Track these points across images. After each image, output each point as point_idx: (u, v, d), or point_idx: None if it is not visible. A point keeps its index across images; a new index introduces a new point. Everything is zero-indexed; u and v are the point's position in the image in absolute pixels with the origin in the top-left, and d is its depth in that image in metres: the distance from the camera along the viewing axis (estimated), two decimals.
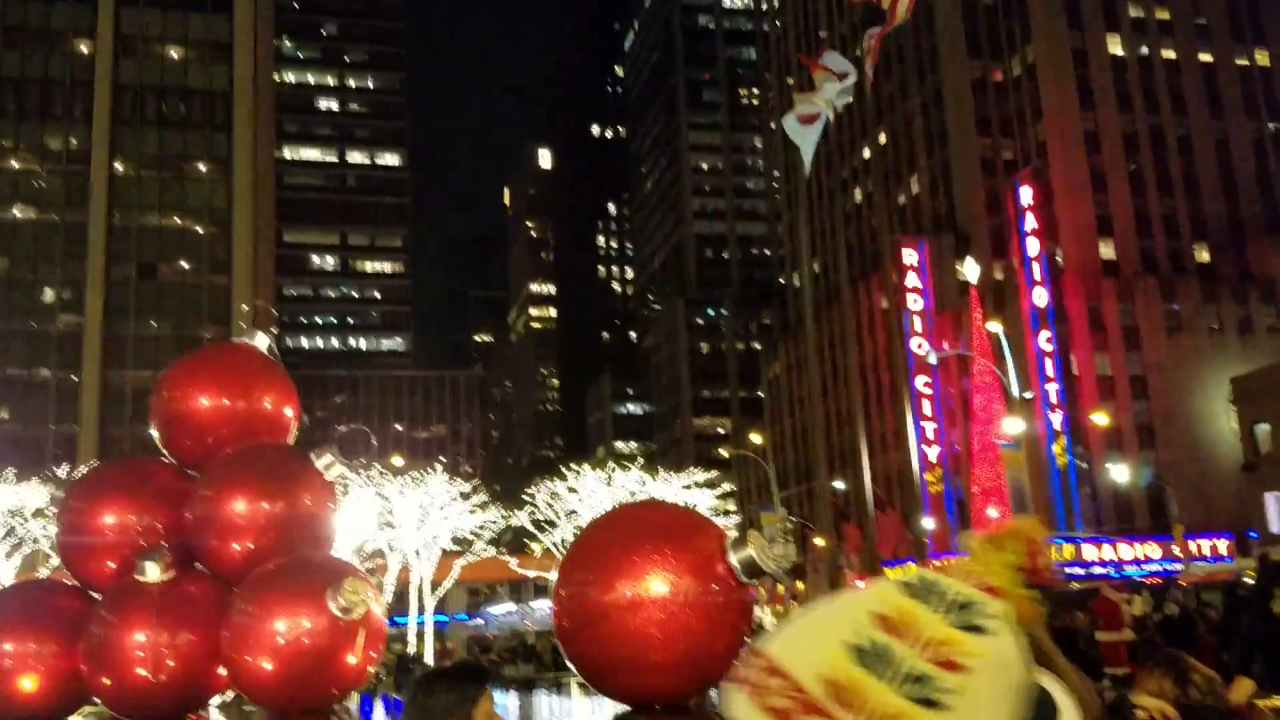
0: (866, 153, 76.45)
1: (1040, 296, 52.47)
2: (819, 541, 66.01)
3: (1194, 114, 62.58)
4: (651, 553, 9.33)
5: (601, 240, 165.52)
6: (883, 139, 74.32)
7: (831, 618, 1.27)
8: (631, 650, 8.61)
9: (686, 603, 9.22)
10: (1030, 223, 53.22)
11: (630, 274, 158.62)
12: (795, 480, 74.61)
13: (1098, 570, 37.75)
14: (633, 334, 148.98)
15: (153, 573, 8.19)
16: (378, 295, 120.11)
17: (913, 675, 1.17)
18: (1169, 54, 63.52)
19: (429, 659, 32.24)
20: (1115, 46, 62.78)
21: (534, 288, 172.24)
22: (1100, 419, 48.61)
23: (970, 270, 53.78)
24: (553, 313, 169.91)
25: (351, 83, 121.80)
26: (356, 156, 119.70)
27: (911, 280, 58.34)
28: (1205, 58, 64.05)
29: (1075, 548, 40.84)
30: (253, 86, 71.66)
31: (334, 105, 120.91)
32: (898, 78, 71.51)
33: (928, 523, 54.77)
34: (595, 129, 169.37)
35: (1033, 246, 53.18)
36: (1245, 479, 49.35)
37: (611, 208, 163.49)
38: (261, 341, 10.07)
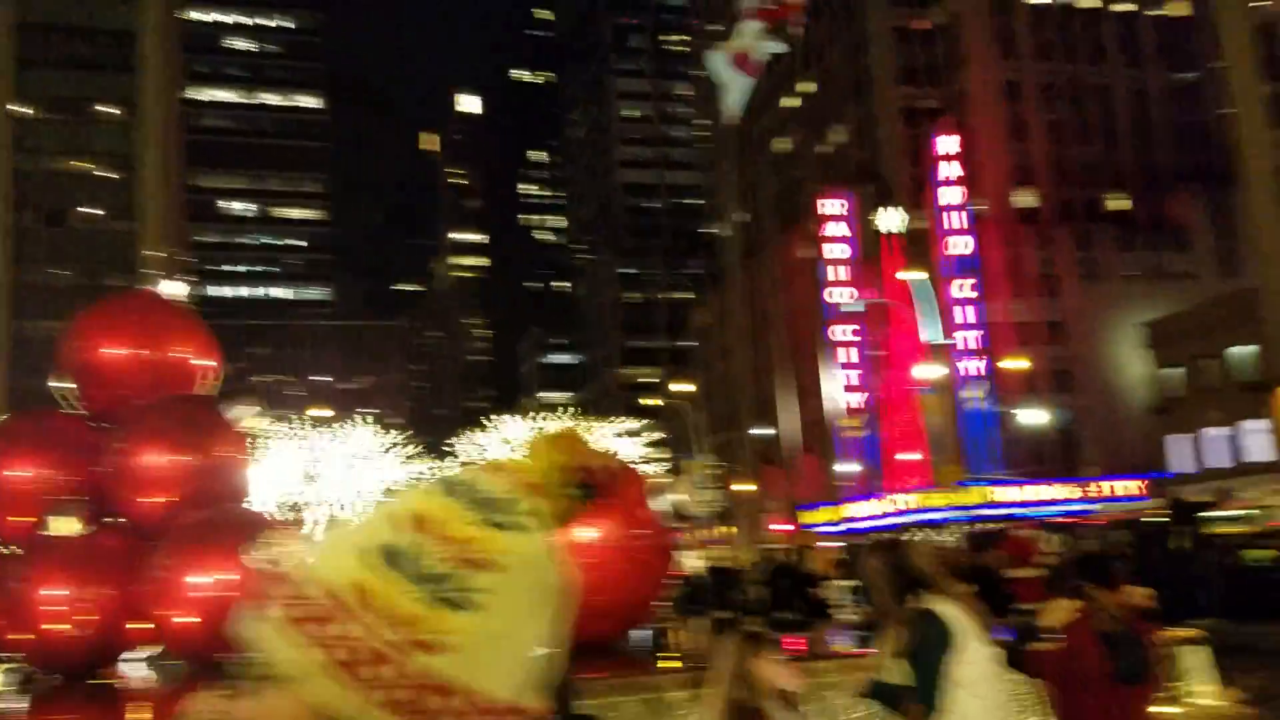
0: (792, 102, 76.58)
1: (960, 245, 53.34)
2: (744, 486, 67.10)
3: (1112, 64, 63.74)
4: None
5: (530, 188, 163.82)
6: (808, 88, 74.46)
7: (373, 521, 1.29)
8: None
9: (611, 548, 9.39)
10: (950, 171, 53.90)
11: (559, 223, 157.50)
12: (723, 427, 75.47)
13: (1014, 511, 38.98)
14: (562, 284, 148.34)
15: (68, 526, 8.00)
16: (298, 243, 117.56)
17: (436, 575, 1.18)
18: (1088, 3, 64.45)
19: None
20: None
21: (462, 236, 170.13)
22: (1017, 364, 49.89)
23: (890, 219, 54.47)
24: (481, 262, 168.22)
25: (266, 21, 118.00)
26: (273, 99, 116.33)
27: (832, 230, 58.80)
28: (1124, 7, 65.13)
29: (992, 489, 42.08)
30: (160, 25, 69.03)
31: (247, 45, 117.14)
32: (824, 25, 71.52)
33: (846, 467, 55.97)
34: (522, 74, 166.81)
35: (952, 195, 53.92)
36: (1156, 422, 51.26)
37: (540, 155, 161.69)
38: (176, 290, 9.80)
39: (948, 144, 53.90)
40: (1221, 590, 17.49)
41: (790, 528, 51.76)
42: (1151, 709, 4.84)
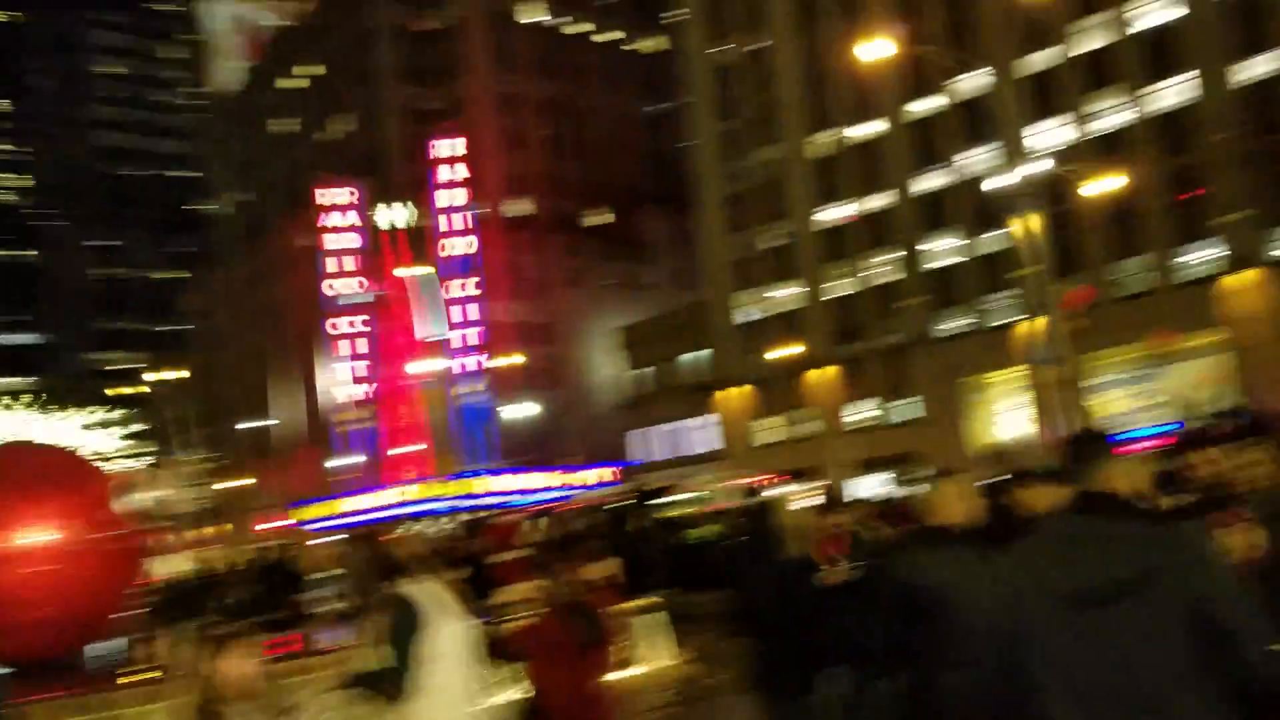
0: (298, 83, 73.97)
1: (460, 246, 54.95)
2: (237, 482, 63.54)
3: (598, 89, 69.32)
4: (27, 501, 8.57)
5: None
6: (314, 70, 72.38)
7: None
8: (4, 610, 7.88)
9: (69, 554, 8.65)
10: (450, 174, 55.28)
11: (19, 182, 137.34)
12: (216, 419, 70.86)
13: (506, 499, 41.01)
14: (21, 252, 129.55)
15: None
16: None
17: None
18: (575, 29, 69.47)
19: None
20: (537, 14, 67.28)
21: None
22: (510, 361, 52.59)
23: (393, 214, 54.89)
24: None
25: None
26: None
27: (336, 220, 57.64)
28: (607, 37, 71.02)
29: (486, 479, 43.96)
30: None
31: None
32: (331, 10, 69.87)
33: (345, 460, 55.37)
34: None
35: (453, 197, 55.37)
36: (627, 416, 56.81)
37: None
38: None
39: (448, 147, 55.25)
40: (672, 564, 19.73)
41: (285, 524, 49.96)
42: (610, 674, 5.52)
